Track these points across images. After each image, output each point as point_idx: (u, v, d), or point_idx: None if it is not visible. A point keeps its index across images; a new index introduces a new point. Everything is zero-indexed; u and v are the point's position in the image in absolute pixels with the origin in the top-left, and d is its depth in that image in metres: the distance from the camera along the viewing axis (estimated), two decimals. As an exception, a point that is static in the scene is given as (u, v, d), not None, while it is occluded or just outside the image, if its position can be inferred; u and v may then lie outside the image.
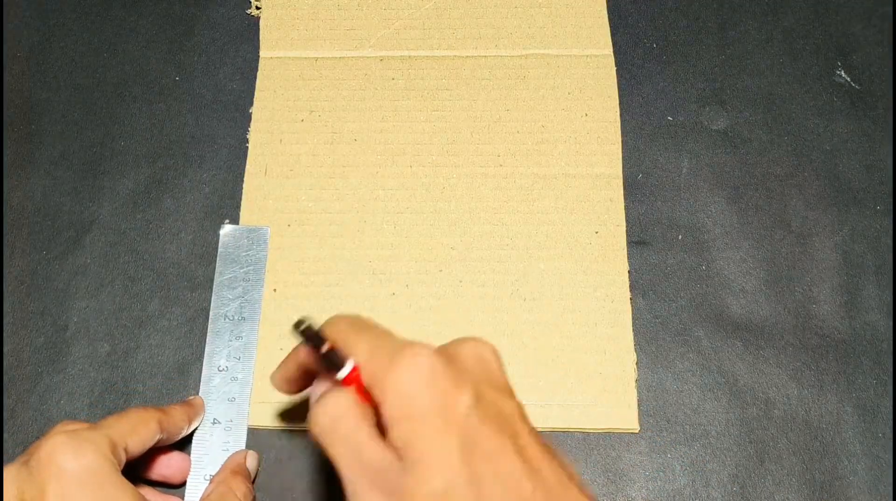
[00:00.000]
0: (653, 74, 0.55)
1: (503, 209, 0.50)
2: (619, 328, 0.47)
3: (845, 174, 0.52)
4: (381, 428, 0.33)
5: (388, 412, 0.32)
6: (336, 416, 0.33)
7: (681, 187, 0.52)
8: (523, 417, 0.33)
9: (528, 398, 0.46)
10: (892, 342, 0.47)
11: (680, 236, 0.50)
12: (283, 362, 0.40)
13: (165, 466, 0.44)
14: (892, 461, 0.45)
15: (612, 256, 0.49)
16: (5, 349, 0.48)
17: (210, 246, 0.50)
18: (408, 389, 0.32)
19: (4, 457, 0.45)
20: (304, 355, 0.37)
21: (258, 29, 0.56)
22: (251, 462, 0.44)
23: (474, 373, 0.33)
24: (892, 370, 0.47)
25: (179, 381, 0.47)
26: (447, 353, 0.33)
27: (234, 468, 0.43)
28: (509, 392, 0.34)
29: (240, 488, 0.42)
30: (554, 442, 0.45)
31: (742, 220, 0.51)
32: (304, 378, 0.39)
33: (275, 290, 0.48)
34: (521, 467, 0.31)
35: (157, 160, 0.53)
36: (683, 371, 0.47)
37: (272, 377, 0.41)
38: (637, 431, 0.45)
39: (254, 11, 0.57)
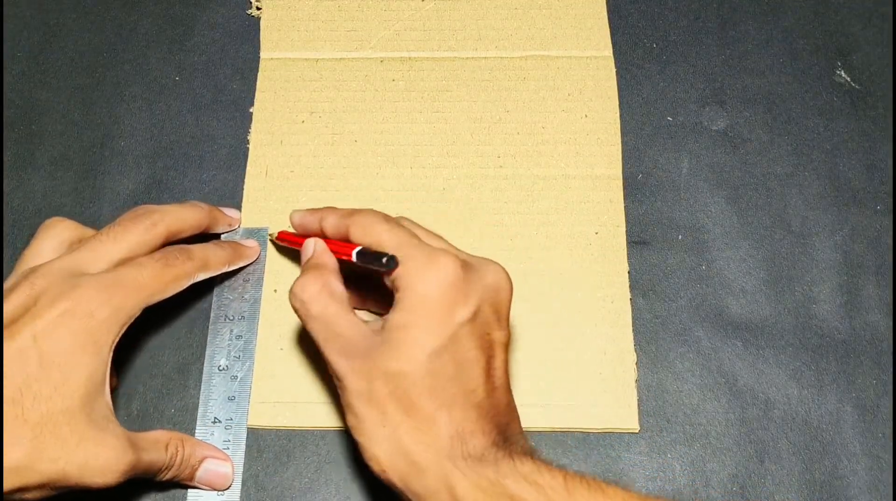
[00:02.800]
0: (653, 75, 0.55)
1: (503, 210, 0.50)
2: (619, 329, 0.47)
3: (845, 174, 0.52)
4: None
5: (400, 301, 0.38)
6: (306, 299, 0.39)
7: (681, 187, 0.52)
8: (505, 347, 0.39)
9: (529, 399, 0.46)
10: (892, 342, 0.47)
11: (680, 236, 0.50)
12: (311, 209, 0.45)
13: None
14: (892, 461, 0.45)
15: (611, 256, 0.49)
16: (5, 350, 0.48)
17: (210, 246, 0.50)
18: (423, 289, 0.37)
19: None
20: (329, 227, 0.43)
21: (258, 29, 0.56)
22: (211, 465, 0.44)
23: (484, 293, 0.38)
24: (892, 370, 0.47)
25: (179, 381, 0.47)
26: (470, 266, 0.39)
27: (193, 442, 0.43)
28: (505, 322, 0.39)
29: (173, 447, 0.42)
30: (554, 442, 0.45)
31: (742, 220, 0.51)
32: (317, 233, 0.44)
33: (275, 290, 0.48)
34: (483, 379, 0.37)
35: (157, 160, 0.53)
36: (683, 371, 0.47)
37: (294, 213, 0.46)
38: (637, 431, 0.46)
39: (254, 12, 0.57)
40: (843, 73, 0.55)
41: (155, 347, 0.48)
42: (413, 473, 0.36)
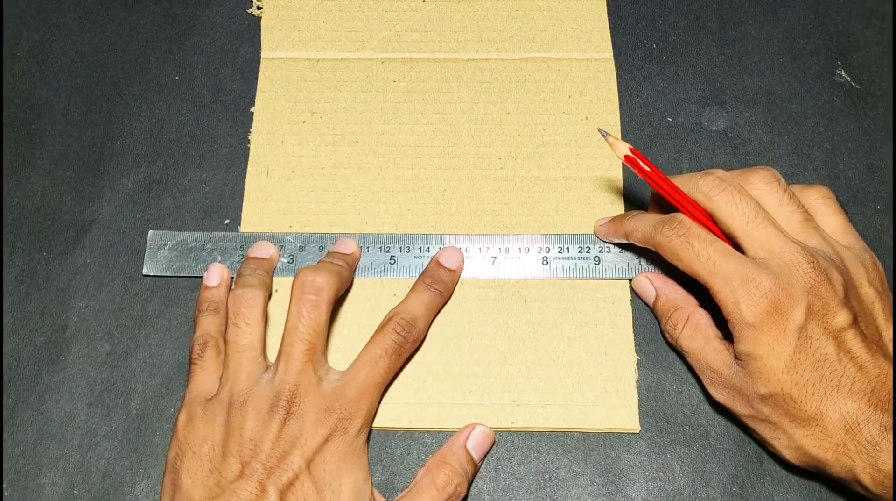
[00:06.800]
0: (652, 75, 0.55)
1: (504, 212, 0.50)
2: (620, 329, 0.47)
3: (845, 174, 0.52)
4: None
5: (735, 331, 0.41)
6: (680, 337, 0.45)
7: (681, 188, 0.52)
8: (851, 324, 0.40)
9: (529, 399, 0.46)
10: (892, 341, 0.47)
11: (680, 237, 0.50)
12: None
13: None
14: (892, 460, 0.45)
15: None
16: (5, 349, 0.48)
17: (211, 247, 0.50)
18: (750, 316, 0.40)
19: (4, 457, 0.45)
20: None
21: (258, 29, 0.56)
22: (472, 442, 0.44)
23: (802, 291, 0.40)
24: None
25: (179, 381, 0.47)
26: (781, 274, 0.40)
27: (444, 454, 0.43)
28: (839, 304, 0.40)
29: (441, 477, 0.42)
30: (554, 442, 0.45)
31: (742, 220, 0.51)
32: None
33: (276, 291, 0.48)
34: (847, 361, 0.39)
35: (157, 160, 0.53)
36: (683, 372, 0.47)
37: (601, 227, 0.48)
38: (638, 431, 0.46)
39: (255, 11, 0.57)
40: (843, 73, 0.55)
41: (155, 346, 0.48)
42: (821, 467, 0.41)
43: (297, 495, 0.39)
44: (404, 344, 0.44)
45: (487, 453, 0.45)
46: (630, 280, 0.48)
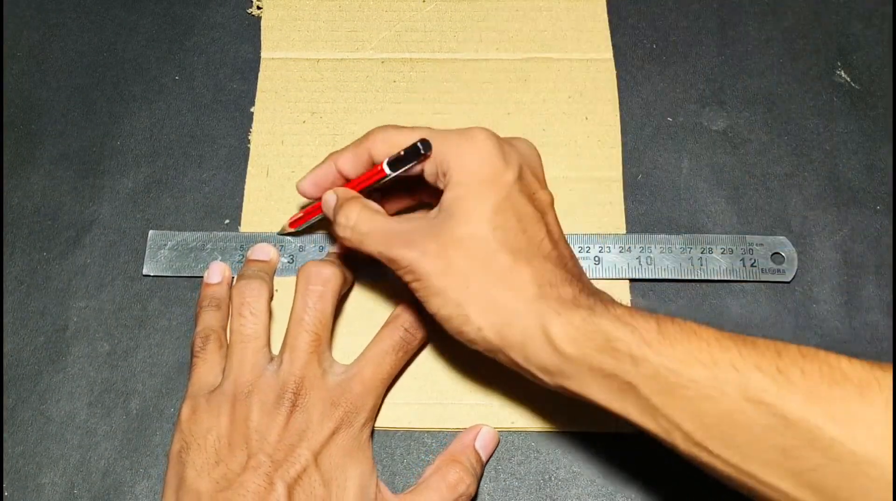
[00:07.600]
0: (652, 75, 0.55)
1: (504, 210, 0.50)
2: (620, 329, 0.47)
3: (845, 174, 0.52)
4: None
5: (449, 179, 0.40)
6: (353, 223, 0.41)
7: (681, 188, 0.52)
8: (551, 206, 0.42)
9: (529, 399, 0.46)
10: (892, 341, 0.47)
11: (680, 237, 0.50)
12: (315, 168, 0.45)
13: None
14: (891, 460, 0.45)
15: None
16: (5, 349, 0.48)
17: (211, 246, 0.50)
18: (468, 162, 0.39)
19: (4, 457, 0.45)
20: (347, 164, 0.44)
21: (258, 29, 0.56)
22: (480, 442, 0.44)
23: (521, 158, 0.41)
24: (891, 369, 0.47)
25: (179, 381, 0.47)
26: (503, 138, 0.41)
27: (454, 453, 0.43)
28: (544, 184, 0.42)
29: (452, 475, 0.42)
30: (554, 443, 0.45)
31: (742, 220, 0.51)
32: (336, 183, 0.45)
33: (277, 290, 0.48)
34: (544, 232, 0.40)
35: (157, 160, 0.53)
36: (683, 372, 0.47)
37: (300, 182, 0.45)
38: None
39: (255, 11, 0.57)
40: (843, 73, 0.55)
41: (155, 346, 0.48)
42: (508, 320, 0.37)
43: (304, 488, 0.38)
44: (411, 341, 0.44)
45: (492, 454, 0.45)
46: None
